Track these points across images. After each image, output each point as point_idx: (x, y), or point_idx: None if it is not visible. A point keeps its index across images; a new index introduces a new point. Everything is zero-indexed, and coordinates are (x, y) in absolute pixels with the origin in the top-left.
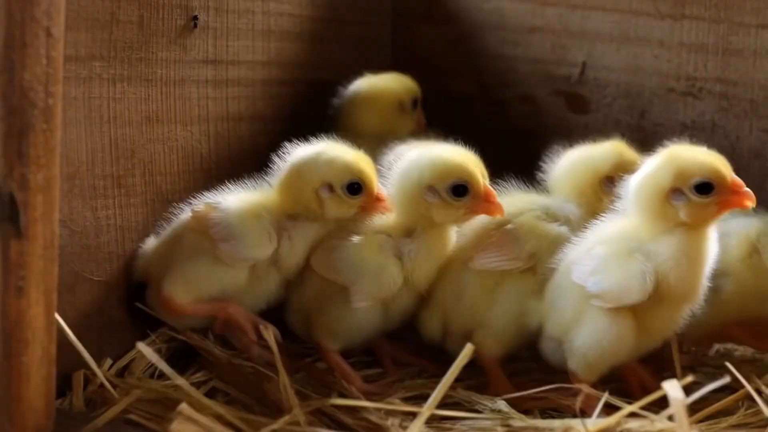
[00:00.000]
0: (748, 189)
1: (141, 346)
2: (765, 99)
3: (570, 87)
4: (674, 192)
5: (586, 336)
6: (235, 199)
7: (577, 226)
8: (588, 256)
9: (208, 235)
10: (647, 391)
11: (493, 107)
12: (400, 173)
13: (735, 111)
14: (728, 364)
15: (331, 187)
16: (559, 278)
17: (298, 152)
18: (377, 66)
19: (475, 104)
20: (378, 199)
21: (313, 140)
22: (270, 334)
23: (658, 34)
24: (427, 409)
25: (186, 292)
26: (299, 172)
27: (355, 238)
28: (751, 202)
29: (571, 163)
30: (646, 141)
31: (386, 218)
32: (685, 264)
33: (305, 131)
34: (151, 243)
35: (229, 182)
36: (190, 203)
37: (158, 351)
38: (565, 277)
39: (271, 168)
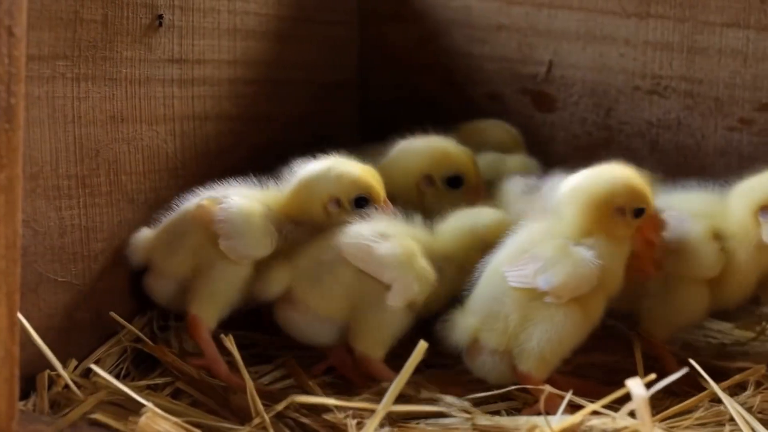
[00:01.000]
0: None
1: (94, 367)
2: (730, 97)
3: (537, 85)
4: (617, 210)
5: (542, 334)
6: (239, 195)
7: None
8: (524, 259)
9: (211, 230)
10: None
11: (461, 106)
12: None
13: (700, 109)
14: (692, 361)
15: (338, 202)
16: (490, 288)
17: (308, 166)
18: (344, 66)
19: (443, 103)
20: (384, 211)
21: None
22: (231, 342)
23: (623, 33)
24: (383, 407)
25: (213, 314)
26: (308, 186)
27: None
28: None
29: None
30: (612, 139)
31: None
32: (617, 258)
33: (271, 131)
34: (145, 231)
35: (196, 182)
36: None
37: (124, 351)
38: (497, 286)
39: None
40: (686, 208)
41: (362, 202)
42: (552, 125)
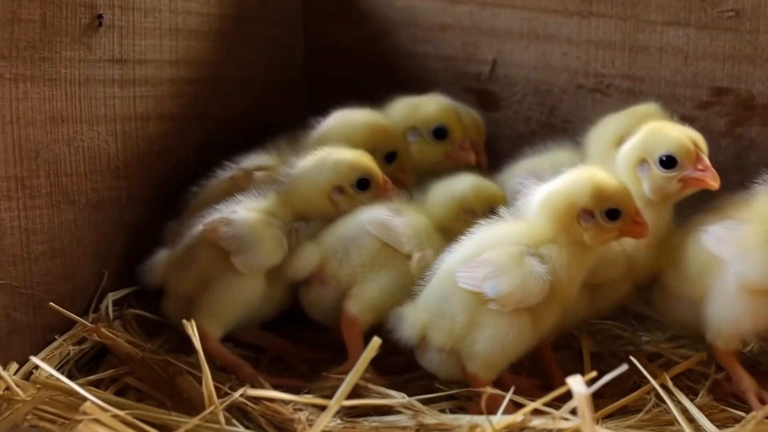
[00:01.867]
0: (645, 220)
1: (37, 360)
2: (671, 95)
3: (481, 84)
4: (585, 213)
5: (486, 340)
6: (243, 209)
7: None
8: (477, 262)
9: (220, 249)
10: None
11: None
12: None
13: None
14: (633, 359)
15: (341, 189)
16: (441, 287)
17: (302, 163)
18: (289, 65)
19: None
20: (385, 188)
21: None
22: (193, 329)
23: (566, 32)
24: (336, 402)
25: (217, 323)
26: (308, 181)
27: None
28: (645, 236)
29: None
30: (555, 137)
31: None
32: (575, 269)
33: (215, 131)
34: (163, 253)
35: (139, 182)
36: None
37: (67, 353)
38: (448, 286)
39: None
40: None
41: (364, 183)
42: (497, 123)
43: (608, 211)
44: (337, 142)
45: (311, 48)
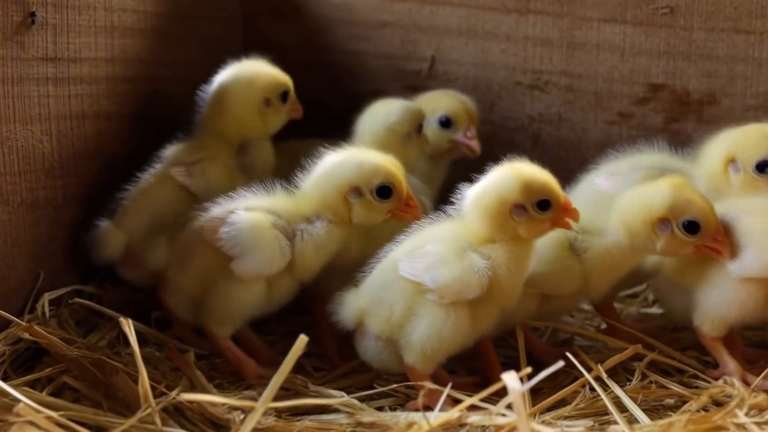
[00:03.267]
0: (576, 206)
1: None
2: (608, 92)
3: (420, 81)
4: (517, 207)
5: (424, 330)
6: (244, 208)
7: None
8: (419, 253)
9: (219, 250)
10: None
11: (345, 103)
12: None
13: (580, 103)
14: (569, 354)
15: (359, 192)
16: (382, 275)
17: (326, 157)
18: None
19: (327, 101)
20: (408, 205)
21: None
22: (130, 327)
23: (504, 29)
24: (262, 403)
25: (222, 325)
26: (328, 176)
27: None
28: (577, 220)
29: None
30: (495, 134)
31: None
32: (515, 269)
33: (152, 129)
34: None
35: (74, 182)
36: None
37: (2, 354)
38: (389, 274)
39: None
40: None
41: (385, 191)
42: None
43: (539, 203)
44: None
45: (250, 46)
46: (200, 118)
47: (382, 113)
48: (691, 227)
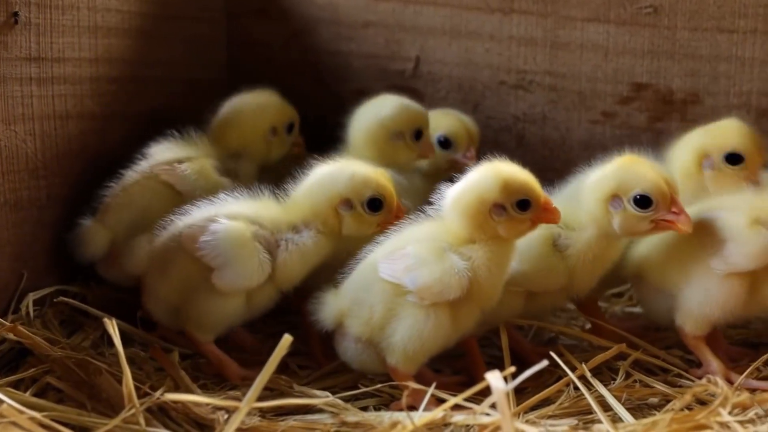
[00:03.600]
0: (556, 206)
1: None
2: (592, 91)
3: (405, 81)
4: (496, 207)
5: (404, 331)
6: (226, 215)
7: None
8: (399, 255)
9: (199, 259)
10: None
11: (330, 103)
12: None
13: (564, 103)
14: (552, 354)
15: (350, 204)
16: (362, 277)
17: (318, 168)
18: (212, 63)
19: (312, 100)
20: (398, 217)
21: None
22: (114, 328)
23: (488, 28)
24: (246, 403)
25: (202, 332)
26: (319, 187)
27: None
28: (559, 220)
29: None
30: (480, 134)
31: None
32: (495, 269)
33: (137, 129)
34: (143, 243)
35: (58, 182)
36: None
37: None
38: (369, 275)
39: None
40: None
41: (376, 204)
42: None
43: (519, 203)
44: (236, 124)
45: (234, 46)
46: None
47: (375, 107)
48: (643, 202)
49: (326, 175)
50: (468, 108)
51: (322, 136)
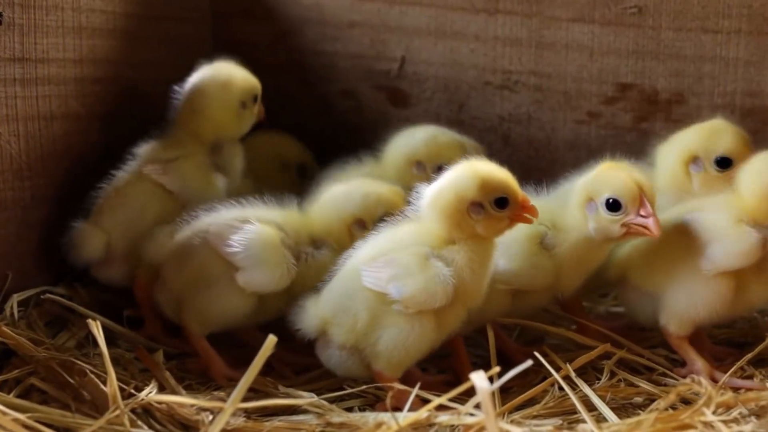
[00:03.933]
0: (533, 204)
1: None
2: (577, 91)
3: (390, 81)
4: (474, 205)
5: (389, 339)
6: (256, 221)
7: None
8: (382, 262)
9: (224, 258)
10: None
11: (316, 103)
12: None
13: (549, 103)
14: (537, 354)
15: (363, 224)
16: (344, 284)
17: (332, 188)
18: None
19: (298, 100)
20: None
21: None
22: (99, 330)
23: (473, 29)
24: (231, 404)
25: (202, 325)
26: (333, 206)
27: None
28: (537, 217)
29: None
30: (464, 134)
31: None
32: (478, 269)
33: (122, 130)
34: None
35: (42, 183)
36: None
37: None
38: (352, 283)
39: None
40: None
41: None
42: (407, 120)
43: (497, 201)
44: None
45: (220, 46)
46: (174, 118)
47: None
48: (614, 205)
49: (340, 195)
50: (453, 108)
51: (310, 136)
